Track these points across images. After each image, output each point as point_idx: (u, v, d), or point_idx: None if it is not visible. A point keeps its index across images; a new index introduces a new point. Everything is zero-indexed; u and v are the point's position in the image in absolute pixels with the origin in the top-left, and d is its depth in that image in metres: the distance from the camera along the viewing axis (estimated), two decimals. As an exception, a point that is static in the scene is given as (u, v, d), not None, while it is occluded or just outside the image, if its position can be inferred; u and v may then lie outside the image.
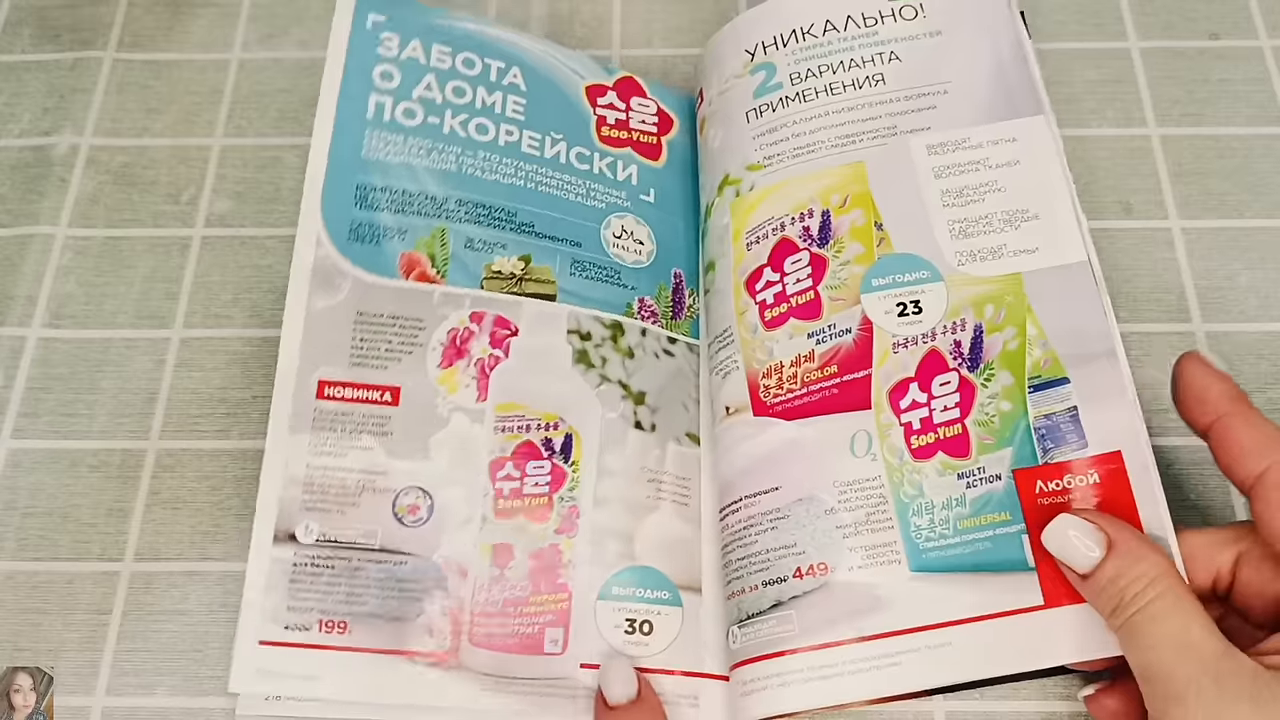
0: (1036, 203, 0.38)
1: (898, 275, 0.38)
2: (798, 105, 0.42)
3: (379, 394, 0.38)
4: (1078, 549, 0.31)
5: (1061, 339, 0.36)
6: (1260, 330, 0.43)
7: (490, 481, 0.38)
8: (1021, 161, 0.39)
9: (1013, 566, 0.34)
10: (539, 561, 0.37)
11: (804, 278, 0.39)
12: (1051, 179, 0.39)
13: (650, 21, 0.51)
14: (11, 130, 0.49)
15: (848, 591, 0.35)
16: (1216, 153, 0.46)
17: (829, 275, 0.39)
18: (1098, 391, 0.35)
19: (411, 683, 0.35)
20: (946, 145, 0.40)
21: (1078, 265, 0.37)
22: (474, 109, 0.42)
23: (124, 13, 0.52)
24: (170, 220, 0.47)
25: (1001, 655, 0.33)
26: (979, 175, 0.39)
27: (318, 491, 0.37)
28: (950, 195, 0.39)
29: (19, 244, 0.46)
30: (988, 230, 0.38)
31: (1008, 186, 0.39)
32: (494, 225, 0.41)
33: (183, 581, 0.40)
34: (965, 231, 0.38)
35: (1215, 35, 0.49)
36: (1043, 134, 0.39)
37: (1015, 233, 0.38)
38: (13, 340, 0.44)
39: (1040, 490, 0.35)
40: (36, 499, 0.41)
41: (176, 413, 0.43)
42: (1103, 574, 0.31)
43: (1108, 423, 0.35)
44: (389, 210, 0.40)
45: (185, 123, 0.49)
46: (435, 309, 0.39)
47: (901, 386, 0.37)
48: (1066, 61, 0.48)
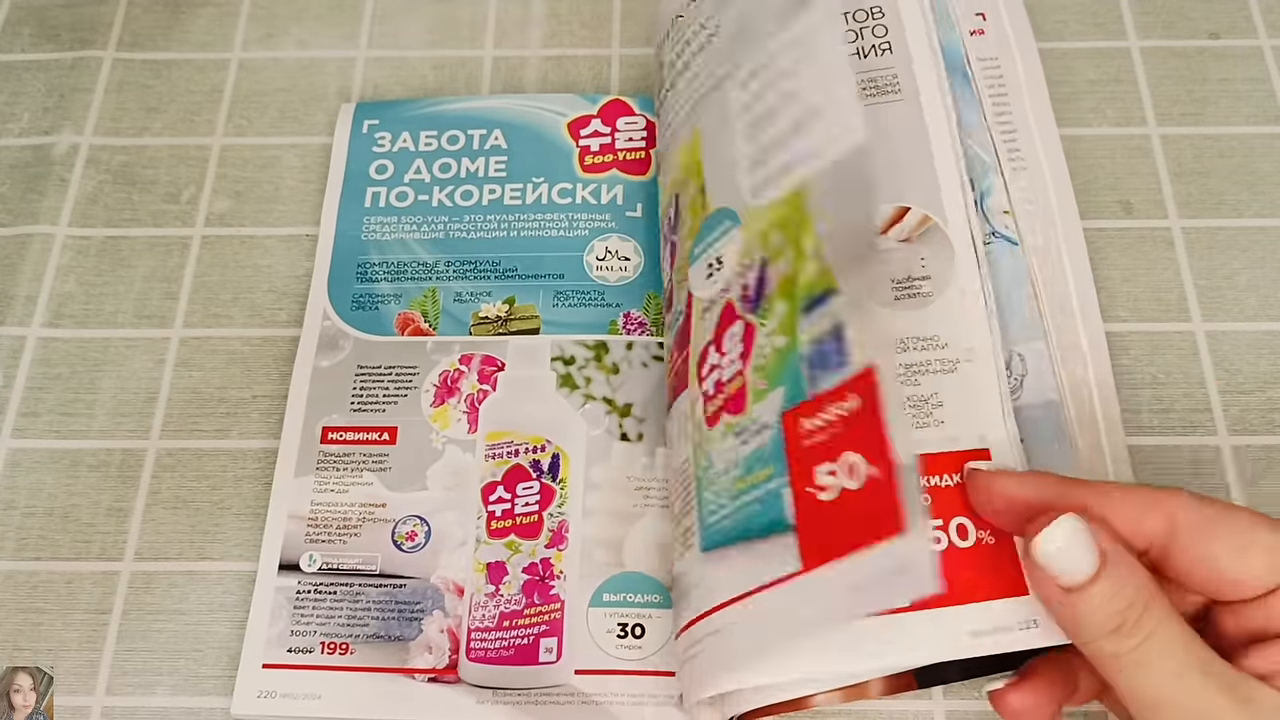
0: (819, 95, 0.33)
1: (708, 237, 0.36)
2: (670, 91, 0.41)
3: (378, 434, 0.41)
4: (1074, 561, 0.28)
5: (836, 243, 0.31)
6: (1260, 330, 0.43)
7: (483, 505, 0.40)
8: (804, 57, 0.34)
9: (774, 528, 0.30)
10: (532, 575, 0.38)
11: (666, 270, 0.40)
12: (834, 64, 0.32)
13: (650, 21, 0.51)
14: (11, 130, 0.49)
15: (676, 583, 0.36)
16: (1216, 152, 0.46)
17: (675, 270, 0.39)
18: (863, 297, 0.30)
19: (411, 697, 0.37)
20: (755, 73, 0.36)
21: (854, 152, 0.31)
22: (459, 179, 0.46)
23: (124, 12, 0.52)
24: (170, 220, 0.47)
25: (769, 636, 0.30)
26: (775, 93, 0.34)
27: (321, 525, 0.40)
28: (752, 126, 0.35)
29: (19, 244, 0.46)
30: (778, 149, 0.34)
31: (799, 90, 0.33)
32: (479, 277, 0.44)
33: (183, 581, 0.40)
34: (760, 160, 0.34)
35: (1215, 35, 0.49)
36: (825, 18, 0.34)
37: (800, 140, 0.33)
38: (13, 340, 0.44)
39: (803, 431, 0.30)
40: (36, 499, 0.41)
41: (176, 413, 0.43)
42: (1096, 591, 0.28)
43: (868, 333, 0.29)
44: (386, 280, 0.44)
45: (185, 122, 0.49)
46: (428, 356, 0.43)
47: (704, 353, 0.35)
48: (1066, 61, 0.48)
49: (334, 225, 0.46)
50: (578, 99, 0.48)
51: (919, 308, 0.35)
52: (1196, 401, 0.41)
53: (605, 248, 0.44)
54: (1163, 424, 0.41)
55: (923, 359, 0.34)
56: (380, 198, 0.46)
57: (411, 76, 0.50)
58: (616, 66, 0.50)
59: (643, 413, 0.41)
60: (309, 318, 0.44)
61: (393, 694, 0.37)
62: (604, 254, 0.44)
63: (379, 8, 0.52)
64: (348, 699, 0.37)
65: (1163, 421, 0.41)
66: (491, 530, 0.39)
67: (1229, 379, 0.42)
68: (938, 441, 0.33)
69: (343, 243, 0.45)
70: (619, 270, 0.44)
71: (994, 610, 0.31)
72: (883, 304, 0.34)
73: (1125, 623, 0.27)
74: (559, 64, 0.50)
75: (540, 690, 0.37)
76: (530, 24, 0.51)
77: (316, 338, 0.43)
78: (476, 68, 0.50)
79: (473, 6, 0.52)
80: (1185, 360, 0.42)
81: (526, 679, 0.37)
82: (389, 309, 0.44)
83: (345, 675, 0.37)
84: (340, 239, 0.45)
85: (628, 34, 0.51)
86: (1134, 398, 0.41)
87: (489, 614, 0.38)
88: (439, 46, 0.51)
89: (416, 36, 0.51)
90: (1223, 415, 0.41)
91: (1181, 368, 0.42)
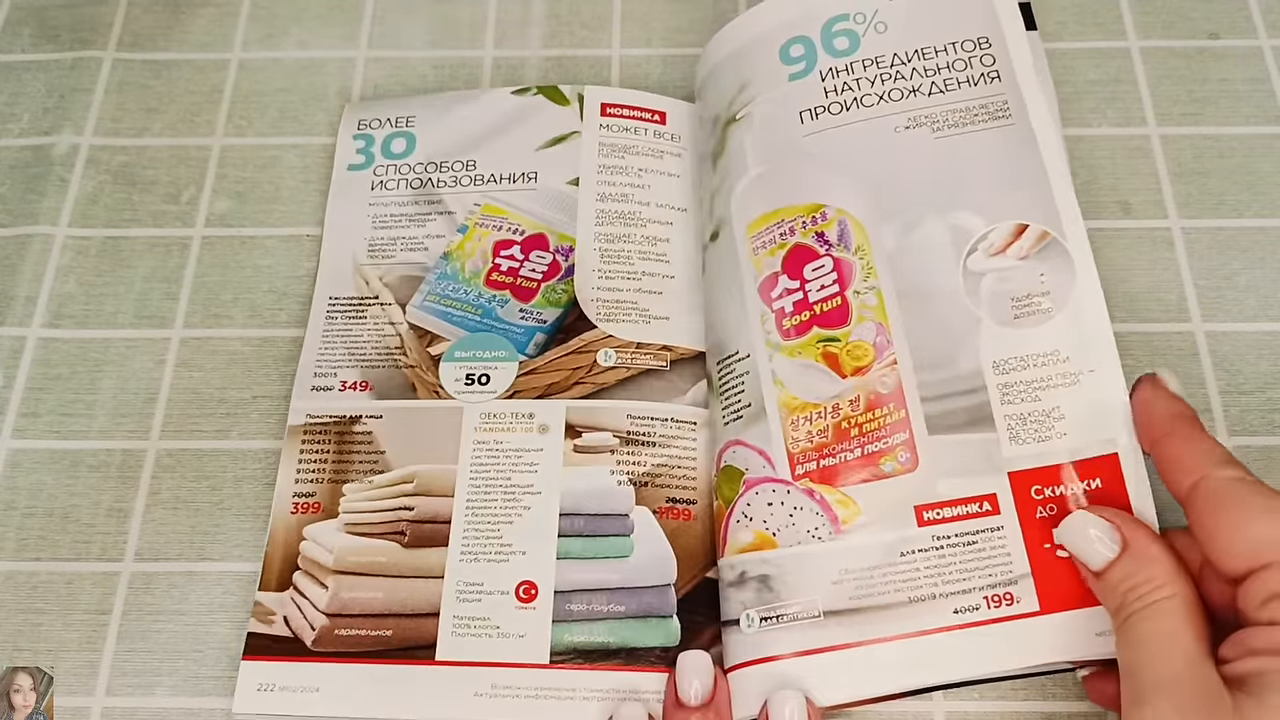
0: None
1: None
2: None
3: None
4: (1093, 546, 0.32)
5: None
6: (1260, 330, 0.43)
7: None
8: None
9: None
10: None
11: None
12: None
13: (650, 21, 0.51)
14: (11, 130, 0.49)
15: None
16: (1216, 152, 0.46)
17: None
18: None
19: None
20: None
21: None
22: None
23: (124, 12, 0.52)
24: (170, 220, 0.47)
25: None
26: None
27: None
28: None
29: (19, 244, 0.46)
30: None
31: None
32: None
33: (183, 581, 0.40)
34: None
35: (1215, 35, 0.49)
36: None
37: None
38: (13, 340, 0.44)
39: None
40: (36, 499, 0.41)
41: (176, 413, 0.43)
42: (1113, 574, 0.31)
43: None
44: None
45: (185, 122, 0.49)
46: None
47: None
48: (1066, 61, 0.48)
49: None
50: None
51: (1040, 324, 0.37)
52: (1196, 401, 0.41)
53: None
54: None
55: (1043, 375, 0.36)
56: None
57: (411, 76, 0.50)
58: (616, 66, 0.50)
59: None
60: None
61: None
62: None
63: (379, 8, 0.52)
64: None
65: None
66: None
67: (1229, 379, 0.42)
68: (1063, 452, 0.35)
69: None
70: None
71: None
72: (1002, 323, 0.37)
73: (1139, 603, 0.30)
74: (559, 64, 0.50)
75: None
76: (530, 24, 0.51)
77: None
78: (476, 68, 0.50)
79: (473, 6, 0.52)
80: (1185, 360, 0.42)
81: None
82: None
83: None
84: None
85: (628, 34, 0.51)
86: (1134, 398, 0.41)
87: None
88: (439, 46, 0.51)
89: (416, 36, 0.51)
90: (1223, 415, 0.41)
91: (1181, 368, 0.42)
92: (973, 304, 0.37)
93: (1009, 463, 0.35)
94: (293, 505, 0.40)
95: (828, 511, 0.36)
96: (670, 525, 0.39)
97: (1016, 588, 0.34)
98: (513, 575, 0.38)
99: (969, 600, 0.34)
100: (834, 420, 0.37)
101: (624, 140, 0.46)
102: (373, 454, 0.41)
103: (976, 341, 0.37)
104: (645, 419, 0.41)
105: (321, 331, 0.43)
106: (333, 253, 0.45)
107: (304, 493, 0.40)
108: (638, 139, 0.46)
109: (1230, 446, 0.40)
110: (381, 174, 0.47)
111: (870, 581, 0.35)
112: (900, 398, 0.37)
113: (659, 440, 0.40)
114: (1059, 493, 0.35)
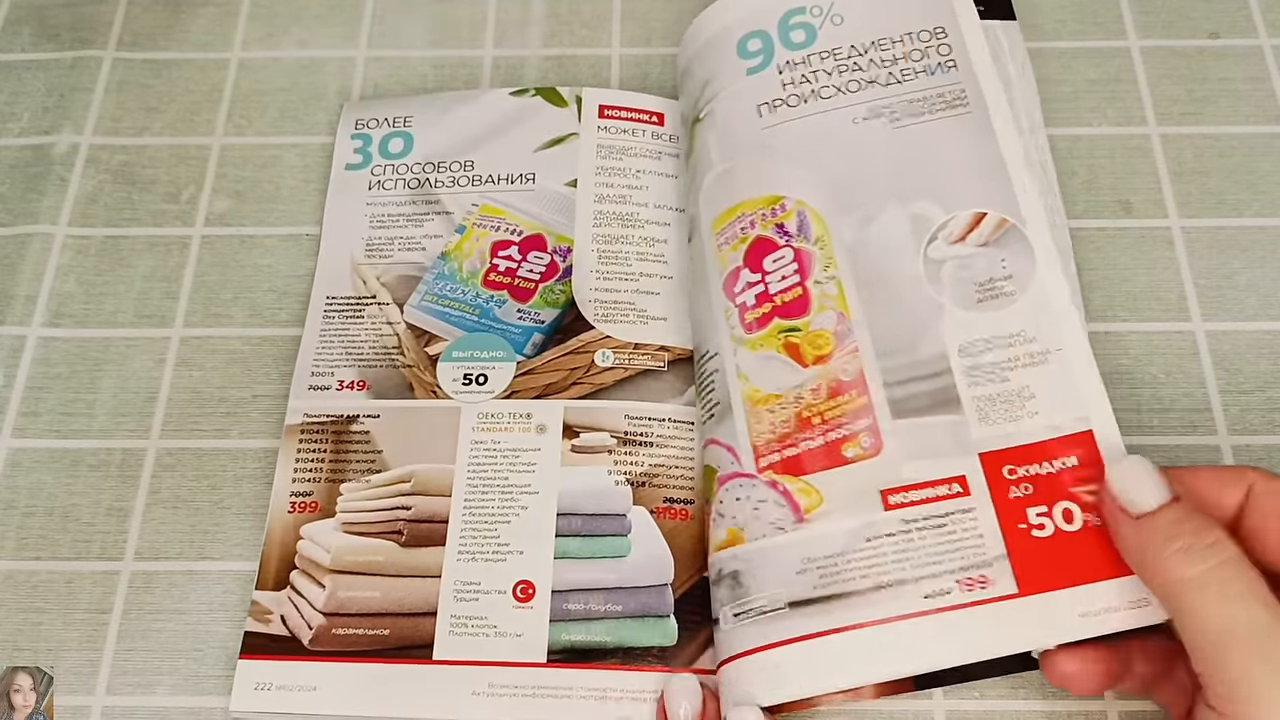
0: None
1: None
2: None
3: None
4: (1142, 490, 0.31)
5: None
6: (1260, 329, 0.43)
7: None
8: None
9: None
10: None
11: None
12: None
13: (650, 21, 0.51)
14: (11, 130, 0.49)
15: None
16: (1216, 152, 0.46)
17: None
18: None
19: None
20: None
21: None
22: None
23: (124, 12, 0.52)
24: (170, 220, 0.47)
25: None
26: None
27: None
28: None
29: (19, 243, 0.46)
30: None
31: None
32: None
33: (183, 581, 0.40)
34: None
35: (1215, 34, 0.49)
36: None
37: None
38: (13, 340, 0.44)
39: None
40: (36, 499, 0.41)
41: (176, 412, 0.43)
42: (1164, 515, 0.30)
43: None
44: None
45: (185, 122, 0.49)
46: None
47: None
48: (1066, 61, 0.48)
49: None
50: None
51: (1003, 307, 0.37)
52: (1196, 401, 0.41)
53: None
54: (1163, 424, 0.41)
55: (1010, 355, 0.36)
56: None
57: (411, 76, 0.50)
58: (616, 66, 0.50)
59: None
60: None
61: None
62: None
63: (379, 8, 0.52)
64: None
65: (1163, 421, 0.41)
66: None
67: (1229, 379, 0.42)
68: (1037, 431, 0.35)
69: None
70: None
71: (1102, 591, 0.32)
72: (966, 307, 0.37)
73: (1194, 546, 0.29)
74: (559, 64, 0.50)
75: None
76: (530, 24, 0.51)
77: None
78: (476, 67, 0.50)
79: (473, 6, 0.52)
80: (1185, 360, 0.42)
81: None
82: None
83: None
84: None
85: (628, 34, 0.51)
86: (1134, 397, 0.41)
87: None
88: (439, 46, 0.51)
89: (416, 36, 0.51)
90: (1223, 415, 0.41)
91: (1181, 368, 0.42)
92: (935, 291, 0.37)
93: (979, 444, 0.35)
94: (290, 504, 0.40)
95: (790, 501, 0.35)
96: (668, 525, 0.39)
97: (991, 569, 0.33)
98: (510, 575, 0.38)
99: (940, 584, 0.33)
100: (796, 410, 0.37)
101: (622, 142, 0.46)
102: (370, 453, 0.41)
103: (940, 326, 0.37)
104: (643, 419, 0.41)
105: (319, 331, 0.43)
106: (330, 252, 0.45)
107: (301, 492, 0.40)
108: (635, 140, 0.46)
109: (1230, 446, 0.40)
110: (379, 174, 0.47)
111: (835, 569, 0.34)
112: (863, 384, 0.37)
113: (656, 440, 0.41)
114: (1033, 472, 0.34)
